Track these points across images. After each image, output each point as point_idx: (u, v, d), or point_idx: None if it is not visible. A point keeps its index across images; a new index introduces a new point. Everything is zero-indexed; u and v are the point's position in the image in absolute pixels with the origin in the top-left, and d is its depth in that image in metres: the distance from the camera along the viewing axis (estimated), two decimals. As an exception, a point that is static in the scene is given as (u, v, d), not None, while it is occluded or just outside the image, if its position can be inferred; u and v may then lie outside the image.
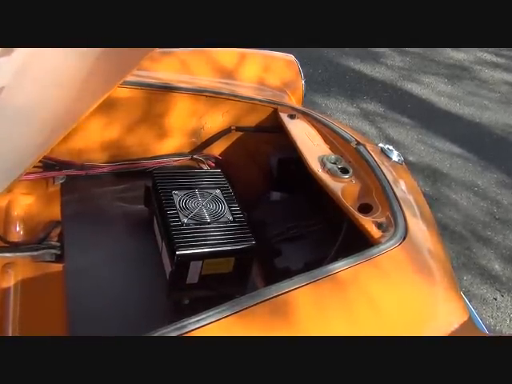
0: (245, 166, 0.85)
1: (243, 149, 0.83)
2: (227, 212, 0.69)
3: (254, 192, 0.83)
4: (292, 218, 0.76)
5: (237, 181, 0.78)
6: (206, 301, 0.41)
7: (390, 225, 0.57)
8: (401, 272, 0.49)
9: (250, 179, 0.84)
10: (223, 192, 0.73)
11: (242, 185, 0.79)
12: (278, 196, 0.84)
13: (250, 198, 0.80)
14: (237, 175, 0.80)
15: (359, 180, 0.67)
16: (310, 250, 0.69)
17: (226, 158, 0.85)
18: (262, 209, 0.81)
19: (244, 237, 0.65)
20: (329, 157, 0.71)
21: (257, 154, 0.84)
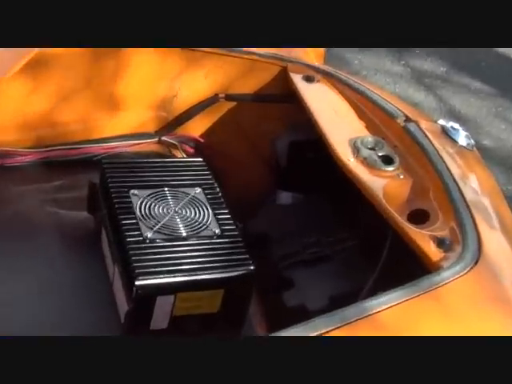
0: (239, 154, 0.86)
1: (236, 127, 0.83)
2: (212, 222, 0.70)
3: (253, 192, 0.85)
4: (309, 230, 0.78)
5: (227, 175, 0.80)
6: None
7: (456, 241, 0.54)
8: (473, 311, 0.44)
9: (246, 172, 0.85)
10: (207, 192, 0.74)
11: (235, 181, 0.81)
12: (288, 198, 0.86)
13: (246, 200, 0.81)
14: (227, 166, 0.82)
15: (410, 174, 0.67)
16: (336, 279, 0.70)
17: (210, 141, 0.86)
18: (264, 217, 0.83)
19: (237, 259, 0.65)
20: (365, 139, 0.71)
21: (256, 136, 0.84)
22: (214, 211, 0.72)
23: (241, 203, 0.76)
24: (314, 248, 0.75)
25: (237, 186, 0.81)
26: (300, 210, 0.83)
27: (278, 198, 0.86)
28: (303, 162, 0.82)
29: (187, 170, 0.76)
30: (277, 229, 0.81)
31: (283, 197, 0.86)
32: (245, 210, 0.78)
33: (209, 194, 0.74)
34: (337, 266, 0.71)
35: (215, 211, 0.72)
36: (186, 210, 0.71)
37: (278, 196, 0.86)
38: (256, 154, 0.87)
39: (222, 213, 0.72)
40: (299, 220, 0.81)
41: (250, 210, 0.82)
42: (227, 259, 0.65)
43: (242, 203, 0.78)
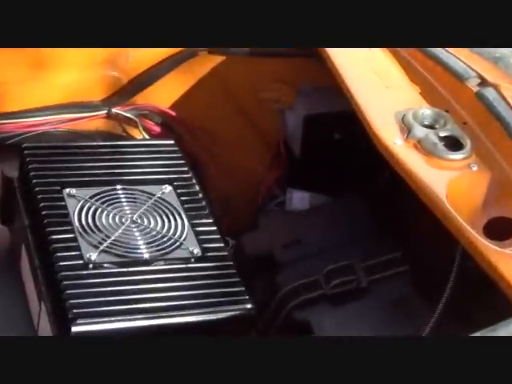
0: (228, 133, 0.88)
1: (223, 94, 0.88)
2: (189, 237, 0.72)
3: (249, 191, 0.88)
4: (335, 250, 0.78)
5: (211, 165, 0.85)
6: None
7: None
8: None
9: (239, 161, 0.89)
10: (180, 191, 0.77)
11: (223, 174, 0.85)
12: (302, 201, 0.88)
13: (239, 204, 0.85)
14: (211, 152, 0.87)
15: (487, 164, 0.65)
16: (375, 327, 0.68)
17: (185, 115, 0.88)
18: (266, 229, 0.85)
19: (227, 293, 0.65)
20: (419, 113, 0.69)
21: (254, 106, 0.86)
22: (192, 221, 0.72)
23: (231, 208, 0.79)
24: (341, 277, 0.73)
25: (225, 181, 0.83)
26: (321, 218, 0.82)
27: (289, 201, 0.86)
28: (325, 146, 0.82)
29: (151, 159, 0.77)
30: (285, 247, 0.80)
31: (296, 199, 0.85)
32: (237, 219, 0.80)
33: (183, 194, 0.75)
34: (376, 306, 0.69)
35: (193, 221, 0.72)
36: (150, 220, 0.72)
37: (289, 197, 0.86)
38: (254, 132, 0.87)
39: (204, 223, 0.72)
40: (319, 234, 0.80)
41: (245, 218, 0.83)
42: (212, 293, 0.64)
43: (234, 208, 0.81)
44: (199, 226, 0.73)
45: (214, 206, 0.81)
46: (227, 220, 0.84)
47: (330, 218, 0.80)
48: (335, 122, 0.82)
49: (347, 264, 0.73)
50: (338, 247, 0.78)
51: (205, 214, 0.74)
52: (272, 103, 0.85)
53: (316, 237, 0.79)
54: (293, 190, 0.85)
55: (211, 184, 0.84)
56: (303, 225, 0.81)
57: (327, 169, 0.84)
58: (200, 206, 0.75)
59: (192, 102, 0.87)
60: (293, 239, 0.81)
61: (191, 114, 0.87)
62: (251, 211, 0.86)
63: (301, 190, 0.85)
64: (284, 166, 0.87)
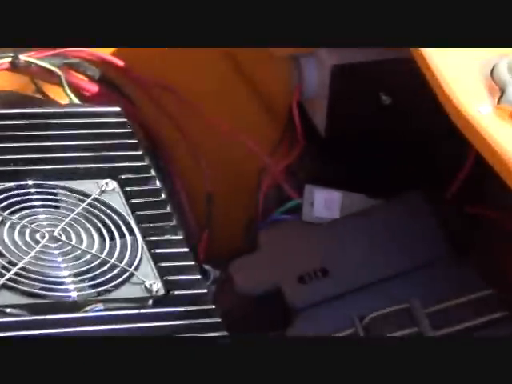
0: (212, 96, 0.92)
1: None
2: (143, 263, 0.71)
3: (245, 189, 0.93)
4: (384, 285, 0.78)
5: (184, 148, 0.91)
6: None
7: None
8: None
9: (229, 143, 0.93)
10: (129, 189, 0.77)
11: (205, 163, 0.90)
12: (329, 205, 0.87)
13: (228, 210, 0.93)
14: (184, 128, 0.92)
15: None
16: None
17: (140, 66, 0.91)
18: (272, 251, 0.84)
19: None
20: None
21: (253, 55, 0.90)
22: (149, 237, 0.73)
23: (215, 217, 0.87)
24: (394, 329, 0.74)
25: (205, 174, 0.88)
26: (360, 234, 0.81)
27: (307, 206, 0.85)
28: (367, 115, 0.85)
29: (83, 137, 0.78)
30: (301, 281, 0.80)
31: (319, 202, 0.85)
32: (224, 235, 0.89)
33: (135, 194, 0.76)
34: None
35: (151, 237, 0.73)
36: (81, 236, 0.72)
37: (307, 200, 0.85)
38: (250, 95, 0.93)
39: (168, 242, 0.73)
40: (358, 260, 0.80)
41: (236, 234, 0.89)
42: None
43: (219, 217, 0.89)
44: (160, 247, 0.71)
45: (185, 213, 0.88)
46: (207, 236, 0.88)
47: (376, 235, 0.81)
48: (381, 78, 0.85)
49: (404, 308, 0.74)
50: (388, 281, 0.78)
51: (170, 226, 0.73)
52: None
53: (353, 265, 0.79)
54: (314, 188, 0.86)
55: (182, 178, 0.90)
56: (331, 245, 0.82)
57: (370, 152, 0.88)
58: (162, 213, 0.74)
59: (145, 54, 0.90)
60: (314, 268, 0.79)
61: (150, 64, 0.90)
62: (247, 222, 0.92)
63: (326, 187, 0.86)
64: (298, 148, 0.89)
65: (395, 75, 0.81)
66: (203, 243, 0.90)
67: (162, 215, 0.76)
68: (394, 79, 0.83)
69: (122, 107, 0.83)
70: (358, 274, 0.80)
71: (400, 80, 0.81)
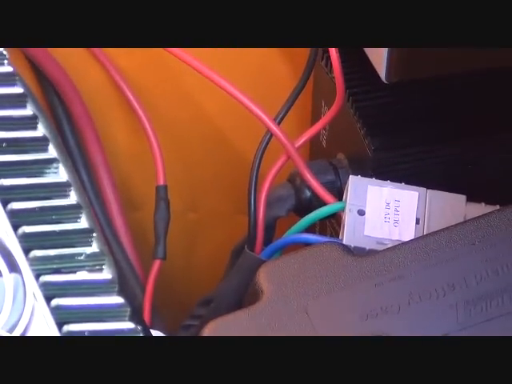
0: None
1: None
2: (34, 326, 0.75)
3: (230, 182, 1.09)
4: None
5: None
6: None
7: None
8: None
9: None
10: (5, 187, 0.80)
11: (162, 135, 1.03)
12: (406, 214, 0.92)
13: (188, 224, 1.09)
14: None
15: None
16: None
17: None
18: (286, 298, 0.87)
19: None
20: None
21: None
22: (48, 277, 0.75)
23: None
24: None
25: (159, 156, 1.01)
26: (464, 270, 0.85)
27: (353, 216, 0.90)
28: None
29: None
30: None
31: (377, 206, 0.89)
32: (192, 276, 1.06)
33: (25, 194, 0.79)
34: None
35: (53, 276, 0.76)
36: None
37: (354, 202, 0.90)
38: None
39: (88, 284, 0.77)
40: (453, 319, 0.82)
41: (213, 266, 1.03)
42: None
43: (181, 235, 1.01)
44: (68, 295, 0.73)
45: (116, 228, 1.00)
46: (158, 272, 0.97)
47: (491, 271, 0.84)
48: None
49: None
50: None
51: (86, 255, 0.75)
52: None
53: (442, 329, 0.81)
54: (365, 182, 0.90)
55: (112, 162, 1.02)
56: (401, 294, 0.84)
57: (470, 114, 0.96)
58: (71, 230, 0.76)
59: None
60: (363, 334, 0.81)
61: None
62: (235, 248, 0.99)
63: (388, 180, 0.90)
64: (335, 108, 0.94)
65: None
66: (151, 287, 0.96)
67: (72, 233, 0.76)
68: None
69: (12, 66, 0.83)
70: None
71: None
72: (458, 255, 0.84)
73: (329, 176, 0.96)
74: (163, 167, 1.01)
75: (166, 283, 1.02)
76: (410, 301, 0.82)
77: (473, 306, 0.81)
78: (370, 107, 0.97)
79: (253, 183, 0.95)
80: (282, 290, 0.85)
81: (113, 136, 1.06)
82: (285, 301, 0.84)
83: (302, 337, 0.81)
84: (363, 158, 0.96)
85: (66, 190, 0.78)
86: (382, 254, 0.85)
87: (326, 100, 0.99)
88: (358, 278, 0.84)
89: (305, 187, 0.95)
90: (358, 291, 0.83)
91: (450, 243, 0.84)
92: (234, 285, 0.97)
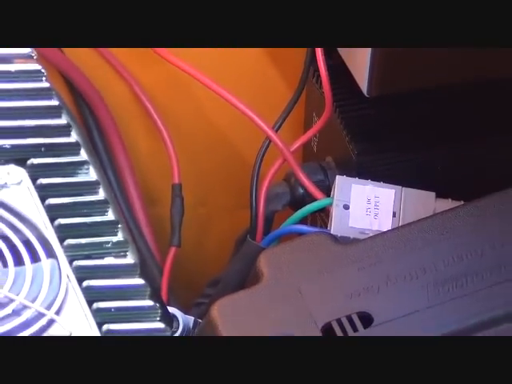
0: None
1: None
2: (69, 303, 0.74)
3: (234, 181, 1.07)
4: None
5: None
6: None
7: None
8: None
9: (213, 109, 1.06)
10: (46, 182, 0.80)
11: (176, 140, 1.02)
12: (383, 208, 0.92)
13: (198, 217, 1.06)
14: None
15: None
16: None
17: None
18: (278, 280, 0.87)
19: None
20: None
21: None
22: (80, 261, 0.75)
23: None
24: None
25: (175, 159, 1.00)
26: (432, 257, 0.84)
27: (339, 210, 0.89)
28: (441, 63, 0.91)
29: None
30: (327, 331, 0.80)
31: (359, 202, 0.89)
32: (202, 257, 1.04)
33: (60, 190, 0.79)
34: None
35: (85, 261, 0.75)
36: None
37: (340, 198, 0.89)
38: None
39: (114, 267, 0.76)
40: (423, 301, 0.82)
41: (220, 255, 1.02)
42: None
43: (192, 227, 0.99)
44: (98, 277, 0.72)
45: (139, 221, 0.99)
46: (174, 258, 0.95)
47: (455, 259, 0.84)
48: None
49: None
50: (473, 333, 0.80)
51: (113, 243, 0.74)
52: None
53: (413, 309, 0.81)
54: (349, 181, 0.90)
55: (135, 164, 1.01)
56: (379, 275, 0.83)
57: (442, 122, 0.96)
58: (100, 221, 0.75)
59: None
60: (349, 314, 0.81)
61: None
62: (239, 237, 0.98)
63: (369, 179, 0.90)
64: (324, 118, 0.95)
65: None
66: (167, 271, 0.95)
67: (101, 225, 0.77)
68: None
69: (43, 66, 0.83)
70: (420, 323, 0.81)
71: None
72: (428, 243, 0.85)
73: (319, 176, 0.97)
74: (178, 168, 1.02)
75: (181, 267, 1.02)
76: (388, 282, 0.83)
77: (441, 286, 0.82)
78: (354, 118, 0.98)
79: (254, 182, 0.96)
80: (279, 273, 0.86)
81: (135, 141, 1.06)
82: (281, 282, 0.85)
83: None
84: (348, 161, 0.97)
85: (95, 188, 0.80)
86: (364, 242, 0.87)
87: (317, 111, 1.00)
88: (344, 263, 0.85)
89: (298, 185, 0.96)
90: (344, 274, 0.84)
91: (421, 233, 0.86)
92: (238, 268, 0.97)
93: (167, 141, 1.03)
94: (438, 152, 0.99)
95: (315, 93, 0.99)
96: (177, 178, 1.02)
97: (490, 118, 1.00)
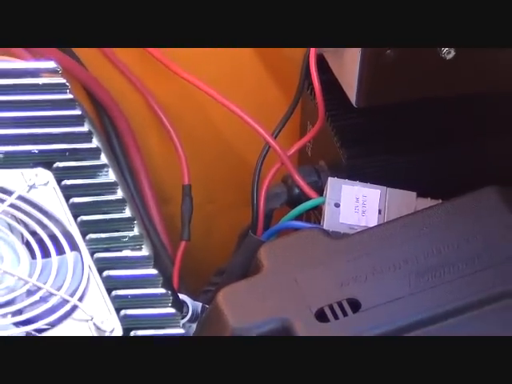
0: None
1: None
2: (91, 290, 0.73)
3: (238, 181, 1.06)
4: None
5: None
6: None
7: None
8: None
9: (219, 119, 1.05)
10: (70, 183, 0.79)
11: (185, 145, 1.01)
12: (369, 206, 0.91)
13: (217, 212, 1.05)
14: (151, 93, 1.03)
15: None
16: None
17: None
18: (277, 272, 0.86)
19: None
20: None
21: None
22: (100, 253, 0.74)
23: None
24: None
25: (185, 162, 0.98)
26: (411, 249, 0.84)
27: (331, 207, 0.88)
28: (421, 77, 0.92)
29: (3, 105, 0.81)
30: (320, 318, 0.80)
31: (349, 201, 0.88)
32: (208, 250, 1.01)
33: (82, 191, 0.78)
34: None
35: (102, 254, 0.74)
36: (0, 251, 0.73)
37: (332, 197, 0.89)
38: (253, 51, 1.03)
39: (130, 259, 0.74)
40: (405, 288, 0.82)
41: (225, 247, 0.99)
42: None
43: (200, 223, 0.96)
44: (116, 267, 0.72)
45: (152, 218, 0.97)
46: (184, 250, 0.94)
47: (433, 250, 0.84)
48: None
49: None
50: (448, 318, 0.80)
51: (130, 237, 0.74)
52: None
53: (396, 294, 0.81)
54: (340, 183, 0.90)
55: (149, 167, 1.00)
56: (366, 265, 0.83)
57: (422, 132, 0.95)
58: (118, 218, 0.75)
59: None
60: (340, 300, 0.81)
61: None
62: (242, 232, 0.96)
63: (358, 181, 0.90)
64: (317, 125, 0.94)
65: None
66: (178, 262, 0.95)
67: (119, 221, 0.77)
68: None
69: (57, 61, 0.84)
70: (403, 308, 0.81)
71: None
72: (410, 238, 0.85)
73: (313, 177, 0.97)
74: (188, 170, 1.02)
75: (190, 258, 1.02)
76: (374, 272, 0.83)
77: (421, 276, 0.82)
78: (344, 126, 0.98)
79: (255, 182, 0.96)
80: (277, 264, 0.86)
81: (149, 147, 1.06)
82: (279, 272, 0.85)
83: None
84: (339, 165, 0.97)
85: (114, 188, 0.79)
86: (353, 237, 0.88)
87: (311, 120, 0.99)
88: (335, 255, 0.85)
89: (295, 186, 0.96)
90: (335, 265, 0.84)
91: (404, 229, 0.86)
92: (240, 260, 0.97)
93: (178, 146, 1.03)
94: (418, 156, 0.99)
95: (309, 104, 0.99)
96: (187, 180, 1.02)
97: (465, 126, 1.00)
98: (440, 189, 0.93)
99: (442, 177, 0.98)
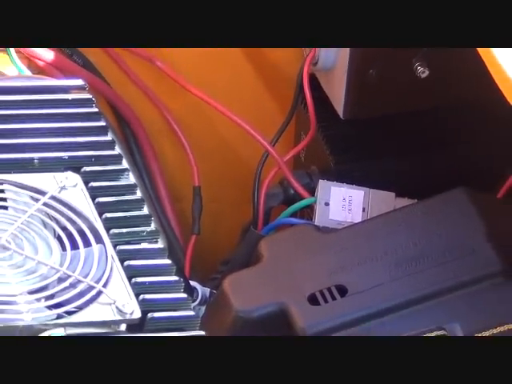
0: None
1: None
2: (114, 278, 0.72)
3: (241, 183, 1.03)
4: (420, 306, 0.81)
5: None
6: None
7: None
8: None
9: (225, 126, 1.03)
10: (96, 185, 0.77)
11: (196, 152, 1.00)
12: (355, 205, 0.91)
13: (222, 209, 1.02)
14: (167, 106, 1.02)
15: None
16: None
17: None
18: (276, 262, 0.86)
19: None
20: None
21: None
22: (121, 246, 0.73)
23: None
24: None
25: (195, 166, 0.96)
26: (391, 242, 0.84)
27: (321, 206, 0.87)
28: (399, 93, 0.92)
29: (35, 118, 0.79)
30: (312, 301, 0.81)
31: (337, 200, 0.88)
32: (216, 242, 0.99)
33: (104, 191, 0.77)
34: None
35: (124, 246, 0.73)
36: (34, 245, 0.72)
37: (322, 197, 0.88)
38: (253, 67, 1.02)
39: (148, 251, 0.74)
40: (386, 276, 0.82)
41: (229, 241, 0.98)
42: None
43: (208, 219, 0.93)
44: (136, 258, 0.71)
45: (167, 215, 0.95)
46: (195, 244, 0.94)
47: (409, 243, 0.83)
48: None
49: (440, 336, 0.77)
50: (423, 302, 0.80)
51: (147, 232, 0.73)
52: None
53: (378, 281, 0.81)
54: (329, 184, 0.90)
55: (164, 171, 0.99)
56: (351, 256, 0.83)
57: (401, 140, 0.95)
58: (137, 215, 0.74)
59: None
60: (329, 286, 0.81)
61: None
62: (244, 227, 0.96)
63: (345, 183, 0.90)
64: (310, 134, 0.94)
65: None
66: (189, 253, 0.95)
67: (138, 218, 0.76)
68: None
69: (85, 79, 0.83)
70: (384, 292, 0.81)
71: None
72: (390, 232, 0.85)
73: (306, 180, 0.96)
74: (197, 173, 1.01)
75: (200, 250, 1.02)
76: (359, 262, 0.84)
77: (400, 266, 0.82)
78: (333, 135, 0.98)
79: (256, 184, 0.96)
80: (275, 255, 0.86)
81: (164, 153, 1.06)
82: (277, 262, 0.85)
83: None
84: (328, 169, 0.97)
85: (134, 189, 0.79)
86: (341, 231, 0.88)
87: (304, 131, 0.99)
88: (325, 247, 0.86)
89: (290, 187, 0.96)
90: (325, 256, 0.85)
91: (384, 225, 0.87)
92: (243, 251, 0.97)
93: (189, 153, 1.02)
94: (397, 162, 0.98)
95: (303, 116, 0.99)
96: (197, 181, 1.01)
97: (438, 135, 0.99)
98: (416, 190, 0.93)
99: (418, 179, 0.98)
